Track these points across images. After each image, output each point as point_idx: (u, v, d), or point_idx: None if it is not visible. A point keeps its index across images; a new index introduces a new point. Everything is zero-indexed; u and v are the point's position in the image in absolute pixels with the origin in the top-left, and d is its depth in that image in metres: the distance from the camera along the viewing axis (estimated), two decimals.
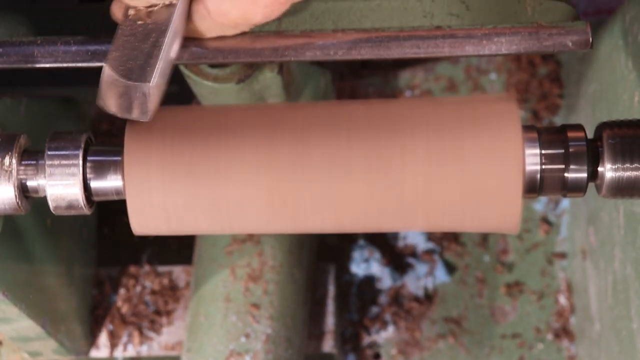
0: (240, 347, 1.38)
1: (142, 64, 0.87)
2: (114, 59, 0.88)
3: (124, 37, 0.89)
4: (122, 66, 0.87)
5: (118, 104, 0.88)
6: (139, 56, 0.88)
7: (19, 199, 0.93)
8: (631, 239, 1.23)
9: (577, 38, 0.94)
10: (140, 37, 0.88)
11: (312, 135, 0.91)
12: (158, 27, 0.89)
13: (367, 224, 0.94)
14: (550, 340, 1.65)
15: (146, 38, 0.88)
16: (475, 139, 0.90)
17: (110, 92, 0.88)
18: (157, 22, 0.89)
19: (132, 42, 0.88)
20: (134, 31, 0.89)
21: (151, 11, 0.89)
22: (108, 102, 0.88)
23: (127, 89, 0.87)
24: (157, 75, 0.87)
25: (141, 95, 0.87)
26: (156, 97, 0.88)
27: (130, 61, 0.87)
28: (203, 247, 1.45)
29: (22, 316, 1.25)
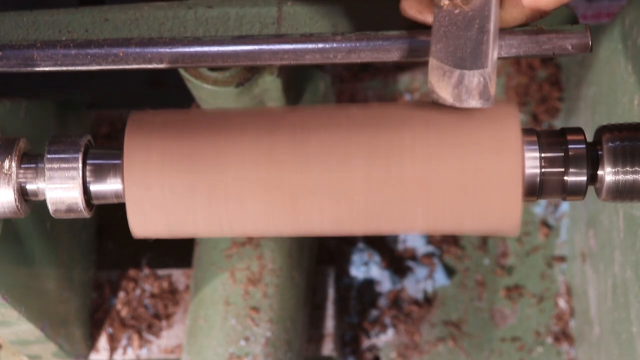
0: (239, 350, 1.38)
1: (472, 51, 0.87)
2: (440, 50, 0.87)
3: (444, 28, 0.88)
4: (452, 56, 0.87)
5: (455, 94, 0.88)
6: (467, 44, 0.87)
7: (19, 203, 0.93)
8: (631, 242, 1.23)
9: (577, 41, 0.94)
10: (461, 25, 0.88)
11: (311, 138, 0.91)
12: (479, 14, 0.87)
13: (367, 227, 0.94)
14: (549, 343, 1.65)
15: (469, 26, 0.87)
16: (474, 142, 0.90)
17: (444, 83, 0.87)
18: (476, 8, 0.88)
19: (454, 31, 0.88)
20: (452, 21, 0.88)
21: (467, 0, 0.88)
22: (442, 94, 0.88)
23: (464, 78, 0.87)
24: (492, 60, 0.87)
25: (480, 82, 0.87)
26: (494, 82, 0.88)
27: (459, 50, 0.87)
28: (202, 250, 1.45)
29: (21, 319, 1.25)
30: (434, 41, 0.88)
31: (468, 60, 0.86)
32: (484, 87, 0.87)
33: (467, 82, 0.87)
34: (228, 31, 1.02)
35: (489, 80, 0.87)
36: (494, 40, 0.88)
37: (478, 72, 0.86)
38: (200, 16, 1.01)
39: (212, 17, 1.01)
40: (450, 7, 0.88)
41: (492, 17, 0.87)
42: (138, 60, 0.97)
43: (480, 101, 0.88)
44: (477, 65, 0.86)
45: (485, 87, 0.87)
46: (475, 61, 0.86)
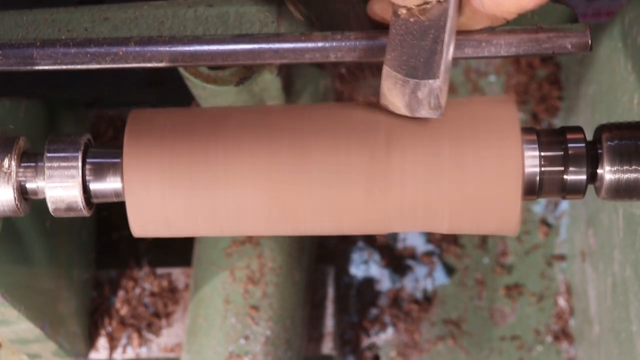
0: (239, 349, 1.38)
1: (425, 61, 0.87)
2: (394, 59, 0.87)
3: (400, 36, 0.88)
4: (405, 65, 0.87)
5: (406, 103, 0.88)
6: (420, 54, 0.87)
7: (18, 201, 0.93)
8: (630, 241, 1.23)
9: (577, 40, 0.94)
10: (417, 35, 0.88)
11: (310, 139, 0.91)
12: (435, 24, 0.88)
13: (366, 227, 0.94)
14: (549, 342, 1.65)
15: (424, 35, 0.87)
16: (474, 141, 0.90)
17: (396, 92, 0.88)
18: (432, 18, 0.88)
19: (409, 40, 0.88)
20: (409, 30, 0.88)
21: (424, 8, 0.88)
22: (394, 101, 0.88)
23: (415, 88, 0.87)
24: (444, 70, 0.87)
25: (430, 92, 0.87)
26: (445, 92, 0.88)
27: (412, 59, 0.87)
28: (202, 249, 1.45)
29: (21, 318, 1.25)
30: (389, 49, 0.88)
31: (420, 70, 0.87)
32: (434, 97, 0.87)
33: (418, 92, 0.87)
34: (228, 30, 1.01)
35: (439, 91, 0.87)
36: (447, 51, 0.88)
37: (429, 82, 0.87)
38: (200, 15, 1.01)
39: (212, 15, 1.01)
40: (407, 16, 0.88)
41: (447, 27, 0.88)
42: (138, 59, 0.97)
43: (430, 111, 0.88)
44: (429, 76, 0.87)
45: (435, 98, 0.87)
46: (427, 71, 0.86)
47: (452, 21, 0.88)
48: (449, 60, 0.88)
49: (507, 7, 0.88)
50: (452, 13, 0.88)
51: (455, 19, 0.89)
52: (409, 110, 0.89)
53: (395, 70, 0.87)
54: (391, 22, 0.89)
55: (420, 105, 0.88)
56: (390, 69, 0.87)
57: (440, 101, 0.87)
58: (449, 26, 0.88)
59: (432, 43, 0.87)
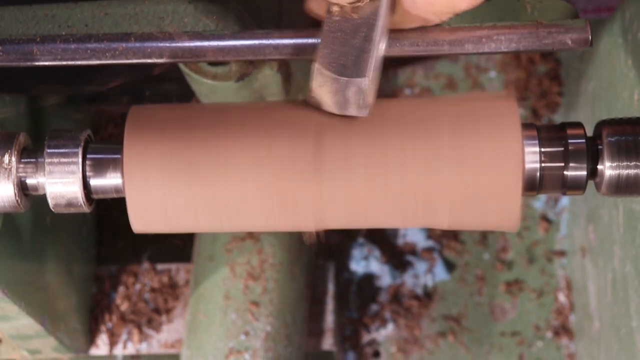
0: (239, 344, 1.38)
1: (355, 59, 0.87)
2: (325, 56, 0.87)
3: (332, 34, 0.88)
4: (335, 63, 0.87)
5: (334, 101, 0.88)
6: (351, 52, 0.87)
7: (19, 197, 0.93)
8: (630, 236, 1.23)
9: (577, 36, 0.94)
10: (348, 32, 0.88)
11: (311, 134, 0.91)
12: (366, 22, 0.88)
13: (366, 221, 0.94)
14: (549, 338, 1.65)
15: (355, 33, 0.88)
16: (474, 137, 0.90)
17: (325, 89, 0.88)
18: (364, 16, 0.88)
19: (340, 38, 0.88)
20: (341, 27, 0.88)
21: (357, 6, 0.89)
22: (323, 99, 0.88)
23: (343, 86, 0.87)
24: (372, 69, 0.87)
25: (358, 91, 0.87)
26: (373, 91, 0.88)
27: (343, 57, 0.87)
28: (202, 244, 1.45)
29: (21, 314, 1.25)
30: (321, 46, 0.88)
31: (350, 69, 0.87)
32: (361, 96, 0.87)
33: (346, 90, 0.87)
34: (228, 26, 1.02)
35: (367, 90, 0.87)
36: (377, 50, 0.88)
37: (358, 80, 0.87)
38: (201, 11, 1.01)
39: (212, 11, 1.01)
40: (339, 14, 0.89)
41: (379, 26, 0.88)
42: (138, 55, 0.97)
43: (358, 109, 0.88)
44: (357, 74, 0.87)
45: (362, 97, 0.87)
46: (356, 70, 0.87)
47: (384, 20, 0.89)
48: (379, 59, 0.89)
49: (439, 7, 0.89)
50: (383, 12, 0.88)
51: (388, 17, 0.90)
52: (338, 108, 0.89)
53: (326, 68, 0.87)
54: (325, 20, 0.89)
55: (348, 104, 0.89)
56: (321, 67, 0.87)
57: (368, 100, 0.88)
58: (380, 25, 0.88)
59: (362, 42, 0.88)
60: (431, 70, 1.76)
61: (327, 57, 0.88)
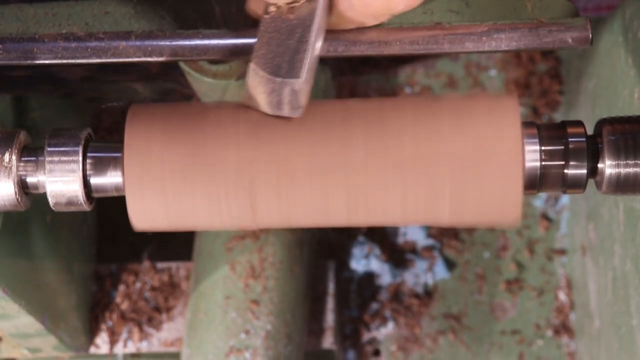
0: (240, 343, 1.38)
1: (290, 60, 0.87)
2: (261, 56, 0.87)
3: (268, 34, 0.88)
4: (270, 63, 0.87)
5: (268, 101, 0.88)
6: (286, 52, 0.87)
7: (19, 195, 0.93)
8: (631, 235, 1.23)
9: (577, 34, 0.94)
10: (284, 33, 0.88)
11: (310, 131, 0.91)
12: (302, 23, 0.88)
13: (367, 219, 0.94)
14: (550, 336, 1.65)
15: (291, 34, 0.88)
16: (475, 136, 0.90)
17: (260, 89, 0.88)
18: (300, 17, 0.88)
19: (276, 38, 0.88)
20: (277, 28, 0.88)
21: (293, 7, 0.89)
22: (258, 99, 0.89)
23: (277, 86, 0.87)
24: (306, 70, 0.87)
25: (292, 92, 0.87)
26: (306, 92, 0.88)
27: (278, 58, 0.87)
28: (203, 243, 1.45)
29: (21, 312, 1.25)
30: (257, 47, 0.88)
31: (284, 69, 0.87)
32: (294, 97, 0.88)
33: (280, 90, 0.87)
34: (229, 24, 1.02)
35: (300, 91, 0.87)
36: (312, 50, 0.88)
37: (291, 81, 0.87)
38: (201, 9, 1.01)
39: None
40: (276, 14, 0.89)
41: (314, 27, 0.88)
42: (138, 54, 0.97)
43: (291, 110, 0.89)
44: (291, 75, 0.87)
45: (295, 98, 0.88)
46: (290, 70, 0.87)
47: (320, 21, 0.89)
48: (314, 59, 0.89)
49: (376, 8, 0.89)
50: (320, 13, 0.88)
51: (324, 18, 0.90)
52: (271, 108, 0.89)
53: (261, 68, 0.87)
54: (262, 20, 0.89)
55: (281, 104, 0.89)
56: (256, 67, 0.87)
57: (301, 101, 0.88)
58: (316, 26, 0.88)
59: (297, 42, 0.88)
60: (431, 69, 1.76)
61: (263, 58, 0.88)
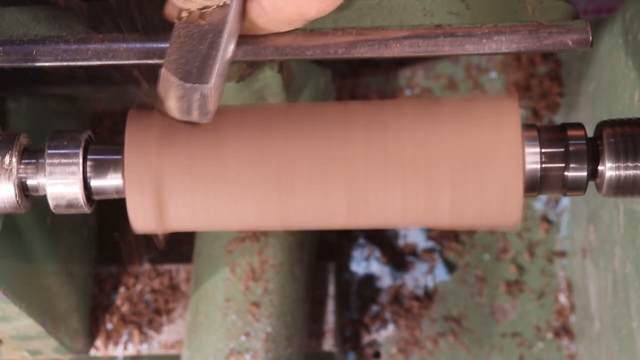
0: (240, 345, 1.38)
1: (200, 65, 0.87)
2: (172, 62, 0.88)
3: (180, 39, 0.89)
4: (181, 68, 0.87)
5: (178, 107, 0.88)
6: (197, 58, 0.87)
7: (19, 198, 0.93)
8: (631, 237, 1.23)
9: (577, 37, 0.94)
10: (196, 38, 0.88)
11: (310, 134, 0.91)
12: (214, 28, 0.88)
13: (367, 221, 0.94)
14: (550, 339, 1.65)
15: (202, 39, 0.88)
16: (475, 138, 0.90)
17: (170, 95, 0.88)
18: (212, 23, 0.88)
19: (188, 43, 0.88)
20: (189, 33, 0.89)
21: (205, 12, 0.89)
22: (168, 104, 0.89)
23: (187, 91, 0.87)
24: (216, 76, 0.87)
25: (201, 97, 0.87)
26: (215, 97, 0.88)
27: (189, 63, 0.87)
28: (203, 245, 1.45)
29: (22, 315, 1.25)
30: (169, 52, 0.88)
31: (194, 75, 0.87)
32: (203, 102, 0.88)
33: (189, 96, 0.87)
34: None
35: (209, 96, 0.87)
36: (223, 56, 0.88)
37: (200, 87, 0.87)
38: None
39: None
40: (189, 20, 0.89)
41: (225, 32, 0.88)
42: (138, 56, 0.97)
43: (200, 116, 0.89)
44: (201, 80, 0.87)
45: (204, 103, 0.88)
46: (200, 76, 0.87)
47: (232, 26, 0.89)
48: (225, 65, 0.89)
49: (289, 15, 0.89)
50: (231, 18, 0.89)
51: (237, 24, 0.90)
52: (180, 114, 0.89)
53: (172, 73, 0.87)
54: (175, 25, 0.89)
55: (190, 110, 0.88)
56: (167, 72, 0.87)
57: (209, 107, 0.88)
58: (228, 31, 0.88)
59: (208, 48, 0.88)
60: (432, 71, 1.76)
61: (174, 63, 0.88)
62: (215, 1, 0.88)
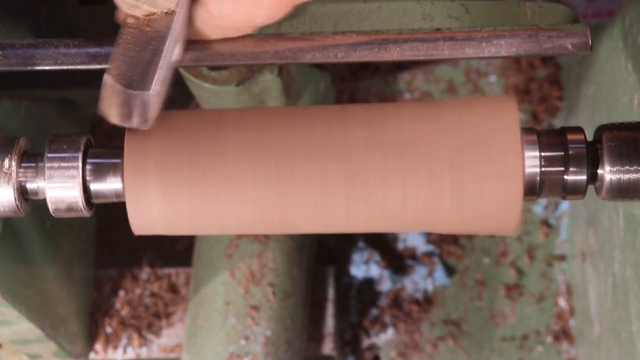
0: (239, 349, 1.38)
1: (142, 72, 0.87)
2: (115, 68, 0.88)
3: (125, 45, 0.89)
4: (123, 75, 0.87)
5: (119, 113, 0.88)
6: (140, 64, 0.87)
7: (19, 202, 0.93)
8: (631, 241, 1.23)
9: (577, 40, 0.94)
10: (140, 45, 0.88)
11: (309, 136, 0.91)
12: (158, 35, 0.88)
13: (366, 225, 0.94)
14: (549, 342, 1.65)
15: (146, 46, 0.88)
16: (474, 142, 0.90)
17: (112, 101, 0.88)
18: (157, 29, 0.89)
19: (132, 50, 0.88)
20: (134, 39, 0.89)
21: (150, 19, 0.89)
22: (109, 110, 0.88)
23: (128, 98, 0.87)
24: (157, 83, 0.87)
25: (141, 104, 0.87)
26: (156, 104, 0.88)
27: (131, 69, 0.87)
28: (203, 249, 1.45)
29: (21, 318, 1.25)
30: (113, 58, 0.88)
31: (136, 81, 0.87)
32: (144, 109, 0.87)
33: (130, 102, 0.87)
34: None
35: (149, 103, 0.87)
36: (165, 63, 0.88)
37: (142, 93, 0.87)
38: None
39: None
40: (135, 25, 0.89)
41: (169, 39, 0.88)
42: None
43: (140, 123, 0.88)
44: (142, 87, 0.87)
45: (144, 110, 0.87)
46: (141, 83, 0.87)
47: (178, 33, 0.89)
48: (167, 72, 0.89)
49: (236, 21, 0.89)
50: (177, 25, 0.88)
51: (183, 30, 0.90)
52: (121, 120, 0.89)
53: (115, 79, 0.87)
54: (120, 31, 0.89)
55: (131, 116, 0.88)
56: (110, 78, 0.87)
57: (150, 113, 0.88)
58: (172, 38, 0.88)
59: (151, 54, 0.88)
60: (431, 75, 1.76)
61: (117, 69, 0.87)
62: (161, 8, 0.88)
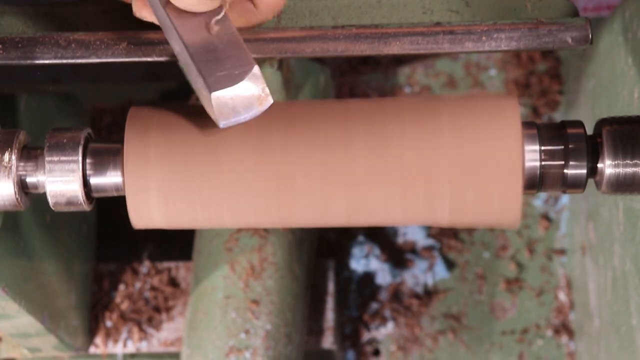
0: (239, 343, 1.38)
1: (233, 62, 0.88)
2: (212, 82, 0.88)
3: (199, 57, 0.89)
4: (220, 79, 0.88)
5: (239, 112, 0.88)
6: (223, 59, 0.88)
7: (19, 195, 0.93)
8: (631, 235, 1.23)
9: (577, 34, 0.94)
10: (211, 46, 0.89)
11: (310, 135, 0.91)
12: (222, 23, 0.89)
13: (366, 220, 0.94)
14: (549, 336, 1.65)
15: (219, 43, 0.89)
16: (475, 136, 0.90)
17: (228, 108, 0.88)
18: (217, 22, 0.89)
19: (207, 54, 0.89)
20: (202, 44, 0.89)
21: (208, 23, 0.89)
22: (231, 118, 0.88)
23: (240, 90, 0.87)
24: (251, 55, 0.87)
25: (254, 79, 0.87)
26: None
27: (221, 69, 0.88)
28: (202, 242, 1.45)
29: (21, 312, 1.25)
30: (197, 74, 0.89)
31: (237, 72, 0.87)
32: (259, 85, 0.87)
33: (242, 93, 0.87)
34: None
35: (258, 75, 0.87)
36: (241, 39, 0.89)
37: (250, 72, 0.87)
38: None
39: None
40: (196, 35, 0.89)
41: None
42: (139, 54, 0.97)
43: (263, 101, 0.88)
44: (247, 68, 0.87)
45: (261, 83, 0.87)
46: (242, 67, 0.87)
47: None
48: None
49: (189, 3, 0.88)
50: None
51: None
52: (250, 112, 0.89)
53: (218, 88, 0.88)
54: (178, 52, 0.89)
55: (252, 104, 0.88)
56: (215, 92, 0.87)
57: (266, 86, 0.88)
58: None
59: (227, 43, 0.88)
60: (431, 69, 1.76)
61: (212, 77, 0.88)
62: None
